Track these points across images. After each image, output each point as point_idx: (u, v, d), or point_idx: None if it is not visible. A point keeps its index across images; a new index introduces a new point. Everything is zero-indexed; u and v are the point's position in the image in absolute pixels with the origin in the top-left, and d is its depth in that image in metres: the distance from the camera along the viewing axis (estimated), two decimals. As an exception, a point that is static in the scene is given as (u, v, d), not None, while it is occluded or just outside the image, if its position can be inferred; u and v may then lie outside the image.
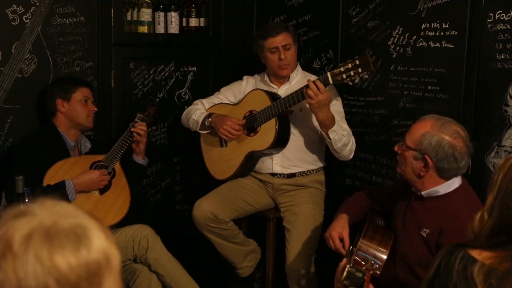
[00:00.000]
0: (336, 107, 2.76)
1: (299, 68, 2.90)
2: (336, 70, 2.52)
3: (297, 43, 2.86)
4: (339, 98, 2.83)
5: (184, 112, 3.07)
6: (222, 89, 3.06)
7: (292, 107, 2.71)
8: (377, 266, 2.10)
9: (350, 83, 2.57)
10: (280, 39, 2.79)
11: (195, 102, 3.06)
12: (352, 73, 2.49)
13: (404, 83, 2.70)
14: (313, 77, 2.67)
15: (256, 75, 2.96)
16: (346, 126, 2.74)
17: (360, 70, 2.47)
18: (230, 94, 3.02)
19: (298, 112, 2.79)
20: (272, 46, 2.79)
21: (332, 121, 2.59)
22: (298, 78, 2.85)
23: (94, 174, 2.67)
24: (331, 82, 2.53)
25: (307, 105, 2.64)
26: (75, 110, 2.75)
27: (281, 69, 2.83)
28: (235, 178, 2.97)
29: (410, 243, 2.08)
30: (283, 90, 2.84)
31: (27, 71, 2.85)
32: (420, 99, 2.62)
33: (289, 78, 2.87)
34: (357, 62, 2.47)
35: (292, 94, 2.65)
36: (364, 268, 1.80)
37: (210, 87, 3.37)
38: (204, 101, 3.02)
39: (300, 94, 2.61)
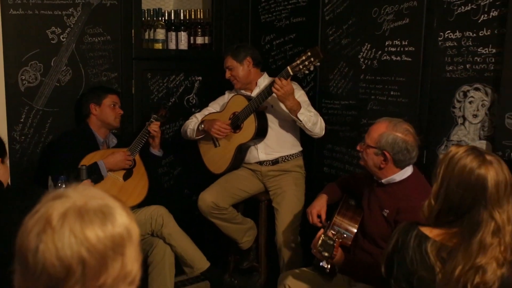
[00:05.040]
0: (302, 97, 2.84)
1: (265, 75, 3.03)
2: (293, 64, 2.62)
3: (245, 61, 2.90)
4: (303, 91, 2.92)
5: (183, 126, 3.17)
6: (210, 104, 3.20)
7: (264, 103, 2.82)
8: (347, 237, 2.22)
9: (307, 72, 2.67)
10: (225, 62, 2.97)
11: (190, 117, 3.17)
12: (307, 63, 2.57)
13: (371, 89, 2.79)
14: None
15: (234, 89, 3.09)
16: (312, 109, 2.82)
17: (312, 59, 2.56)
18: (216, 106, 3.14)
19: (271, 108, 2.92)
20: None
21: (299, 106, 2.68)
22: (266, 83, 2.90)
23: (120, 154, 2.81)
24: (291, 73, 2.62)
25: (277, 101, 2.75)
26: (105, 113, 2.89)
27: (232, 82, 3.00)
28: (230, 171, 3.05)
29: (374, 221, 2.17)
30: (255, 94, 2.92)
31: (64, 81, 3.00)
32: (385, 102, 2.71)
33: (257, 83, 2.99)
34: (309, 53, 2.57)
35: (261, 91, 2.79)
36: (335, 237, 1.95)
37: (213, 93, 3.39)
38: (197, 114, 3.15)
39: (266, 91, 2.73)
